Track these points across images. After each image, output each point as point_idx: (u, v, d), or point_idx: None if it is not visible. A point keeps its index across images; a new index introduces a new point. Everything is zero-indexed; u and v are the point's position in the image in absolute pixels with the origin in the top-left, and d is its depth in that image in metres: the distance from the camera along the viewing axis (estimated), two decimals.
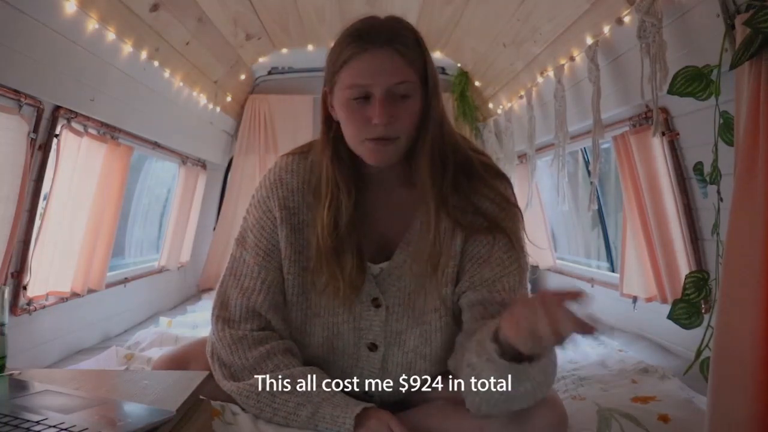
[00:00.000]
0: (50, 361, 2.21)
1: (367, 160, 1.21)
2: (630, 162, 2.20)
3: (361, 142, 1.19)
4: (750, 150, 1.26)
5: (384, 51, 1.15)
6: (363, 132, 1.17)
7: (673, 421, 1.35)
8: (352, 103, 1.17)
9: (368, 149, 1.19)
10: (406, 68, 1.16)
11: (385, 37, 1.15)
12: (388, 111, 1.14)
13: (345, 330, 1.29)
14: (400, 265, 1.27)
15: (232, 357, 1.26)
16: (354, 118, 1.17)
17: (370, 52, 1.15)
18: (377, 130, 1.16)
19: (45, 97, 1.92)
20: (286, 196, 1.29)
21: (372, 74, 1.15)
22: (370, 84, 1.15)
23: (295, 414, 1.19)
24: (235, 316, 1.30)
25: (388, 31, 1.17)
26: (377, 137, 1.17)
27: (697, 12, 1.55)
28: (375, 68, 1.15)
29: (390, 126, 1.15)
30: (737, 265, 1.25)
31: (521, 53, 2.88)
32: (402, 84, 1.16)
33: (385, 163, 1.22)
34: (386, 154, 1.19)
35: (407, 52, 1.16)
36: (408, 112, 1.17)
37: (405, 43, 1.17)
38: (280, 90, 4.09)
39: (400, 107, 1.16)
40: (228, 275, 1.34)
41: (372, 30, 1.16)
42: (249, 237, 1.33)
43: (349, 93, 1.16)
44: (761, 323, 1.18)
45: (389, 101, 1.15)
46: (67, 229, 2.24)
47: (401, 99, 1.16)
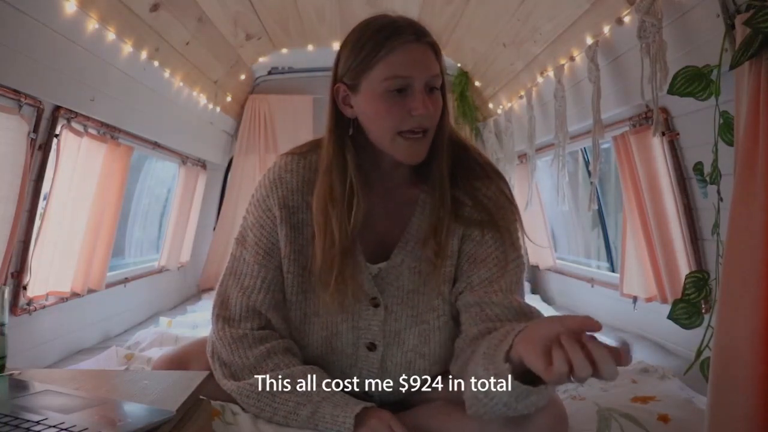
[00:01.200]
0: (50, 361, 2.22)
1: (400, 157, 1.21)
2: (630, 162, 2.20)
3: (393, 138, 1.19)
4: (750, 150, 1.26)
5: (421, 44, 1.19)
6: (401, 124, 1.18)
7: (673, 421, 1.35)
8: (390, 95, 1.17)
9: (402, 146, 1.20)
10: (437, 62, 1.21)
11: (421, 31, 1.20)
12: (427, 102, 1.17)
13: (343, 329, 1.29)
14: (398, 265, 1.27)
15: (232, 356, 1.26)
16: (392, 110, 1.18)
17: (410, 45, 1.18)
18: (415, 120, 1.17)
19: (45, 97, 1.92)
20: (285, 195, 1.29)
21: (414, 65, 1.17)
22: (412, 75, 1.17)
23: (295, 413, 1.19)
24: (235, 315, 1.30)
25: (418, 26, 1.21)
26: (414, 128, 1.18)
27: (697, 12, 1.55)
28: (416, 60, 1.17)
29: (429, 117, 1.18)
30: (737, 265, 1.25)
31: (521, 53, 2.88)
32: (436, 77, 1.19)
33: (419, 159, 1.22)
34: (421, 149, 1.21)
35: (436, 47, 1.21)
36: (438, 106, 1.20)
37: (432, 39, 1.21)
38: (280, 90, 4.09)
39: (434, 99, 1.19)
40: (228, 274, 1.34)
41: (406, 25, 1.20)
42: (249, 236, 1.33)
43: (388, 84, 1.17)
44: (761, 323, 1.18)
45: (427, 93, 1.18)
46: (67, 229, 2.24)
47: (434, 92, 1.19)
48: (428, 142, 1.21)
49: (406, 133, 1.18)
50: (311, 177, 1.29)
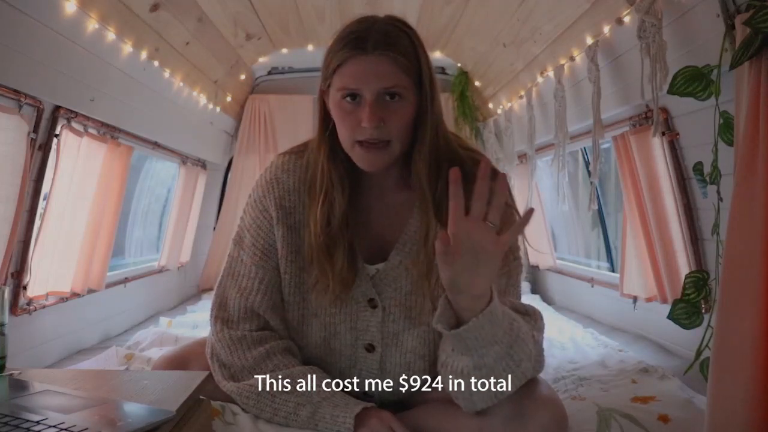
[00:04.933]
0: (50, 361, 2.21)
1: (359, 164, 1.22)
2: (630, 162, 2.20)
3: (352, 145, 1.20)
4: (750, 150, 1.26)
5: (375, 56, 1.16)
6: (354, 133, 1.18)
7: (673, 421, 1.35)
8: (344, 104, 1.18)
9: (359, 154, 1.20)
10: (399, 73, 1.16)
11: (378, 42, 1.16)
12: (377, 114, 1.15)
13: (342, 330, 1.29)
14: (396, 267, 1.27)
15: (232, 357, 1.26)
16: (345, 120, 1.19)
17: (361, 58, 1.16)
18: (366, 132, 1.16)
19: (45, 97, 1.92)
20: (282, 196, 1.30)
21: (362, 78, 1.16)
22: (359, 88, 1.16)
23: (295, 414, 1.19)
24: (234, 317, 1.30)
25: (383, 35, 1.17)
26: (366, 139, 1.17)
27: (697, 12, 1.55)
28: (366, 72, 1.16)
29: (380, 129, 1.16)
30: (737, 265, 1.25)
31: (521, 53, 2.88)
32: (393, 88, 1.16)
33: (377, 168, 1.22)
34: (377, 160, 1.20)
35: (399, 57, 1.16)
36: (399, 116, 1.18)
37: (399, 48, 1.17)
38: (280, 90, 4.09)
39: (390, 110, 1.17)
40: (226, 275, 1.34)
41: (366, 34, 1.17)
42: (246, 237, 1.33)
43: (342, 94, 1.18)
44: (761, 323, 1.18)
45: (380, 104, 1.16)
46: (67, 229, 2.24)
47: (392, 102, 1.17)
48: (390, 152, 1.19)
49: (362, 143, 1.18)
50: (307, 177, 1.29)
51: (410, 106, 1.19)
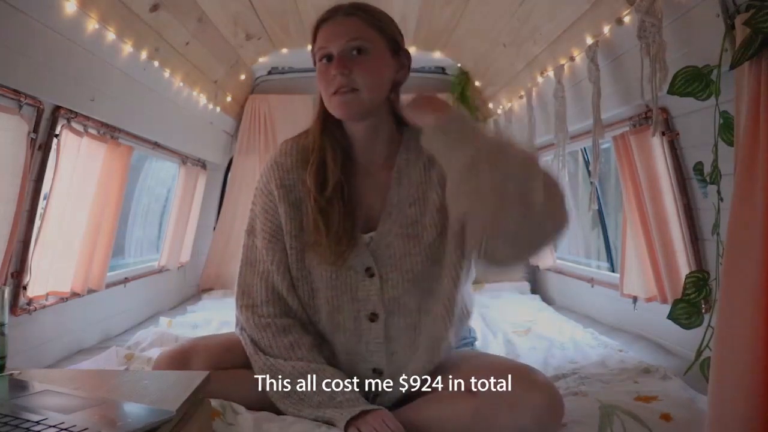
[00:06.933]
0: (50, 361, 2.21)
1: (335, 113, 1.34)
2: (630, 162, 2.20)
3: (330, 99, 1.32)
4: (750, 150, 1.26)
5: (341, 18, 1.33)
6: (329, 86, 1.31)
7: (675, 420, 1.35)
8: (321, 66, 1.34)
9: (334, 103, 1.32)
10: (364, 28, 1.32)
11: (348, 9, 1.34)
12: (343, 63, 1.29)
13: (344, 302, 1.36)
14: (387, 234, 1.35)
15: (262, 339, 1.36)
16: (323, 79, 1.33)
17: (330, 21, 1.34)
18: (336, 80, 1.29)
19: (45, 97, 1.92)
20: (282, 176, 1.40)
21: (330, 38, 1.33)
22: (328, 46, 1.32)
23: (300, 404, 1.28)
24: (258, 301, 1.38)
25: (352, 5, 1.35)
26: (336, 88, 1.30)
27: (697, 12, 1.55)
28: (333, 32, 1.33)
29: (346, 77, 1.29)
30: (737, 265, 1.25)
31: (521, 53, 2.88)
32: (356, 41, 1.30)
33: (350, 116, 1.34)
34: (349, 106, 1.31)
35: (366, 16, 1.33)
36: (364, 66, 1.30)
37: (365, 11, 1.34)
38: (280, 90, 4.08)
39: (356, 62, 1.30)
40: (243, 265, 1.43)
41: (338, 7, 1.35)
42: (257, 224, 1.42)
43: (318, 57, 1.35)
44: (761, 323, 1.18)
45: (347, 57, 1.30)
46: (67, 229, 2.24)
47: (359, 56, 1.30)
48: (360, 100, 1.31)
49: (334, 96, 1.31)
50: (306, 156, 1.40)
51: (378, 59, 1.32)
